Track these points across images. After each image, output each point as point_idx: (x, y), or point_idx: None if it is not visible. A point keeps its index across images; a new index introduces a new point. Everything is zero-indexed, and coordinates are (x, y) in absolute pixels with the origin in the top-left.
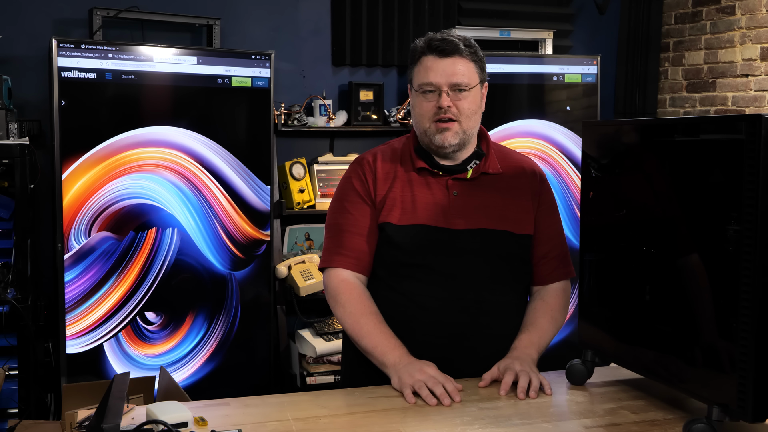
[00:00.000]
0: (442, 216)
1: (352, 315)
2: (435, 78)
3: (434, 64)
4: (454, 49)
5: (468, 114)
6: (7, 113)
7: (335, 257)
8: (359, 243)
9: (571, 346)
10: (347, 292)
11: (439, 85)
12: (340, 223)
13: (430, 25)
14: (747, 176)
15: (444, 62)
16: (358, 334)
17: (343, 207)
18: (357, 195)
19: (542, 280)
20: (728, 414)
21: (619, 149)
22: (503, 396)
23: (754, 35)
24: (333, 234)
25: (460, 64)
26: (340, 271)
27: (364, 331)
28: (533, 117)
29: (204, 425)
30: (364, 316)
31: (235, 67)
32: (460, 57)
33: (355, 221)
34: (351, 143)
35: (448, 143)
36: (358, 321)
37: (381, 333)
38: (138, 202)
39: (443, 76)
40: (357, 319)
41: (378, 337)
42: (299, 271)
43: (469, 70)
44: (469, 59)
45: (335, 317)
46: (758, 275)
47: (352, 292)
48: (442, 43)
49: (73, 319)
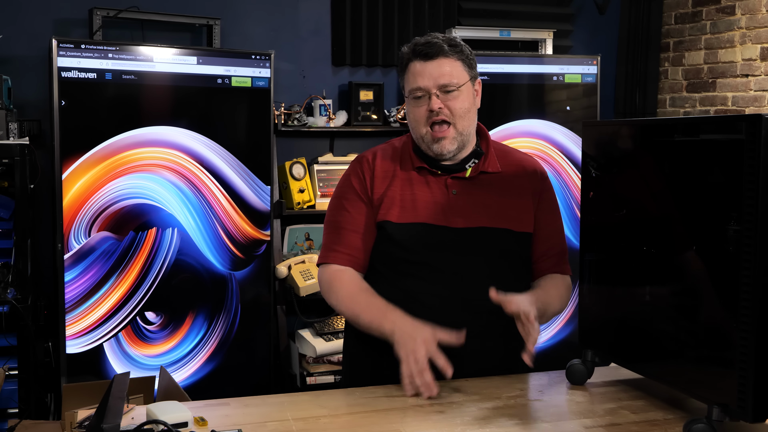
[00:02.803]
0: (442, 214)
1: (346, 297)
2: (423, 82)
3: (421, 69)
4: (438, 51)
5: (461, 114)
6: (7, 113)
7: (331, 254)
8: (355, 240)
9: (571, 346)
10: (339, 279)
11: (427, 89)
12: (338, 220)
13: (430, 25)
14: (747, 176)
15: (430, 65)
16: (354, 313)
17: (341, 205)
18: (354, 193)
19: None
20: (728, 414)
21: (619, 149)
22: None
23: (754, 35)
24: (330, 231)
25: (446, 65)
26: (335, 266)
27: (360, 308)
28: (533, 117)
29: (204, 425)
30: (358, 294)
31: (235, 67)
32: (445, 57)
33: (351, 219)
34: (351, 143)
35: (446, 150)
36: (353, 299)
37: (375, 305)
38: (138, 202)
39: (430, 79)
40: (351, 298)
41: (373, 310)
42: (299, 271)
43: (456, 69)
44: (455, 58)
45: (333, 308)
46: (758, 275)
47: (344, 278)
48: (426, 46)
49: (73, 319)
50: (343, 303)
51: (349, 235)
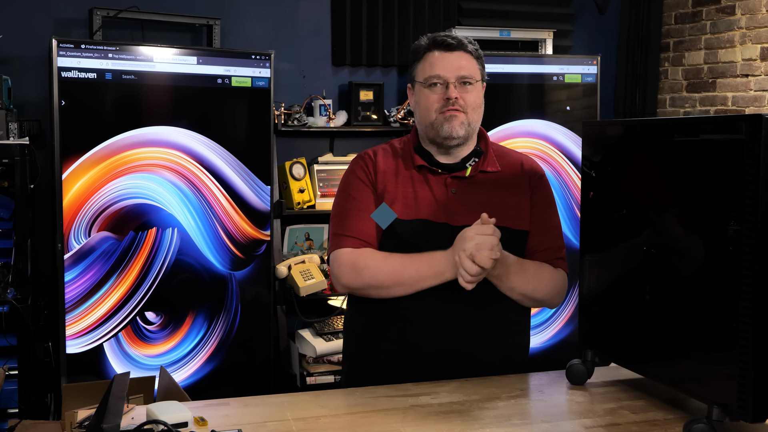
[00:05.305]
0: (443, 212)
1: (381, 262)
2: (442, 71)
3: (440, 58)
4: (458, 45)
5: (474, 107)
6: (7, 113)
7: (341, 239)
8: (366, 225)
9: (571, 346)
10: (363, 254)
11: (446, 78)
12: (346, 209)
13: (430, 25)
14: (747, 176)
15: (450, 56)
16: (396, 270)
17: (348, 195)
18: (361, 182)
19: None
20: (728, 414)
21: (619, 149)
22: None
23: (754, 35)
24: (338, 220)
25: (464, 60)
26: (348, 249)
27: (402, 262)
28: (533, 117)
29: (204, 425)
30: (389, 257)
31: (235, 67)
32: (465, 52)
33: (360, 205)
34: (351, 143)
35: (456, 133)
36: (388, 260)
37: (413, 256)
38: (138, 202)
39: (450, 70)
40: (386, 260)
41: (416, 257)
42: (299, 271)
43: (473, 66)
44: (472, 56)
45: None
46: (758, 275)
47: (367, 252)
48: (447, 38)
49: (73, 319)
50: (380, 270)
51: (359, 220)
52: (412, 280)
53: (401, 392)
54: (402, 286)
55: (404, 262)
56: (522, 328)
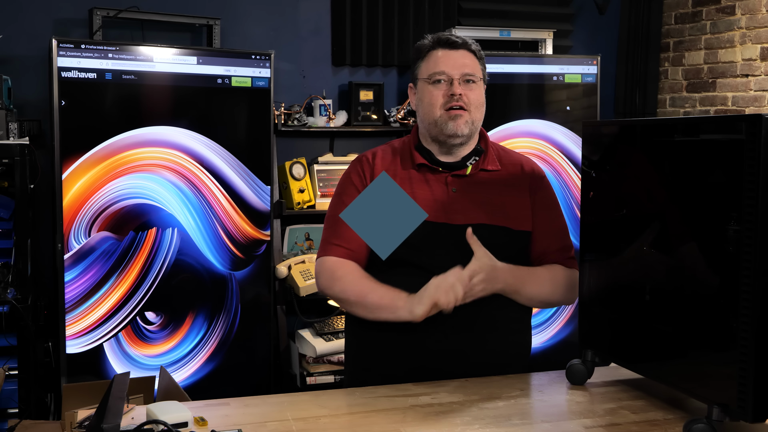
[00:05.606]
0: (442, 211)
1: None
2: (446, 68)
3: (445, 56)
4: (463, 44)
5: (477, 105)
6: (7, 113)
7: (330, 247)
8: (354, 234)
9: (571, 346)
10: (342, 267)
11: (450, 75)
12: (337, 215)
13: (430, 25)
14: (747, 176)
15: (455, 54)
16: (362, 293)
17: (341, 201)
18: (354, 189)
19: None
20: (728, 414)
21: (619, 149)
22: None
23: (754, 35)
24: (329, 226)
25: (468, 58)
26: (334, 257)
27: (368, 288)
28: (533, 117)
29: (204, 425)
30: (364, 278)
31: (235, 67)
32: (468, 51)
33: None
34: (351, 143)
35: (460, 131)
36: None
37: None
38: (138, 202)
39: (454, 67)
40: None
41: (382, 288)
42: (299, 271)
43: (476, 65)
44: (475, 56)
45: (335, 298)
46: (758, 275)
47: (346, 266)
48: (451, 37)
49: (73, 319)
50: (349, 286)
51: (348, 229)
52: (372, 306)
53: (401, 392)
54: (363, 308)
55: (372, 287)
56: (524, 327)
